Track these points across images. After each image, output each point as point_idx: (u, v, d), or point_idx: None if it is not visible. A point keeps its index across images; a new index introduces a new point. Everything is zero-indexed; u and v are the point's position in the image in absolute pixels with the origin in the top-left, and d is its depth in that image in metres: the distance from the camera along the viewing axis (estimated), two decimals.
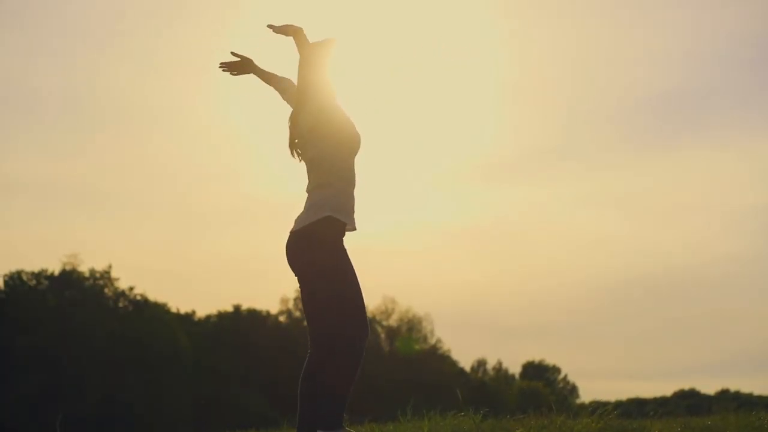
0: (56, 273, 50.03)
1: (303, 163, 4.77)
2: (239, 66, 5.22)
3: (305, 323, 4.82)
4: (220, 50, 5.11)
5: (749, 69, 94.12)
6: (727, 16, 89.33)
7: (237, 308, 56.50)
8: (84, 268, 50.50)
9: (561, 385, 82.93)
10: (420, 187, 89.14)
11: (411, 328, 63.78)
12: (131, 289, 51.34)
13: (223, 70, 5.23)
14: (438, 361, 62.98)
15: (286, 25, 4.69)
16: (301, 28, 4.68)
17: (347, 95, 4.78)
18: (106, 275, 50.66)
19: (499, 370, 74.14)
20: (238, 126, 78.87)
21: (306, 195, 4.68)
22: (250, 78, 5.23)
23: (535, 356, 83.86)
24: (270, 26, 4.71)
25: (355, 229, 4.67)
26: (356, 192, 4.68)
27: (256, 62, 5.22)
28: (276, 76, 5.16)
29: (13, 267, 50.97)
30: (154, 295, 52.96)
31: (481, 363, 73.77)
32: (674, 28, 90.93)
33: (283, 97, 5.08)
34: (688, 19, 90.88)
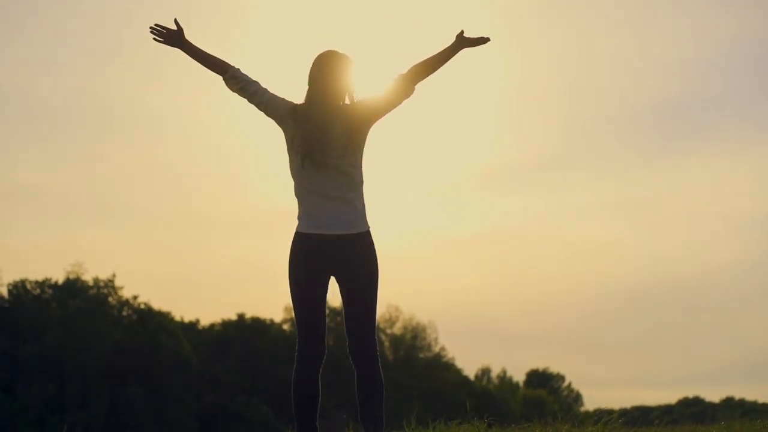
0: (60, 282, 50.07)
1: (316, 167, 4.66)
2: (170, 35, 4.67)
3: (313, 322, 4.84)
4: (225, 55, 4.92)
5: (752, 76, 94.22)
6: (730, 23, 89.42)
7: (241, 316, 56.47)
8: (88, 277, 50.59)
9: (565, 392, 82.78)
10: (423, 194, 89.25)
11: (415, 336, 63.71)
12: (135, 297, 51.39)
13: (151, 31, 4.68)
14: (442, 369, 62.89)
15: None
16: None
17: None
18: (110, 284, 50.68)
19: (504, 378, 74.03)
20: (242, 133, 78.83)
21: (341, 198, 4.62)
22: None
23: (540, 364, 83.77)
24: (462, 35, 4.77)
25: None
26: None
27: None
28: (222, 62, 4.70)
29: (17, 276, 50.97)
30: (158, 304, 53.09)
31: (486, 371, 73.73)
32: (677, 35, 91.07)
33: (229, 86, 4.67)
34: (691, 26, 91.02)
